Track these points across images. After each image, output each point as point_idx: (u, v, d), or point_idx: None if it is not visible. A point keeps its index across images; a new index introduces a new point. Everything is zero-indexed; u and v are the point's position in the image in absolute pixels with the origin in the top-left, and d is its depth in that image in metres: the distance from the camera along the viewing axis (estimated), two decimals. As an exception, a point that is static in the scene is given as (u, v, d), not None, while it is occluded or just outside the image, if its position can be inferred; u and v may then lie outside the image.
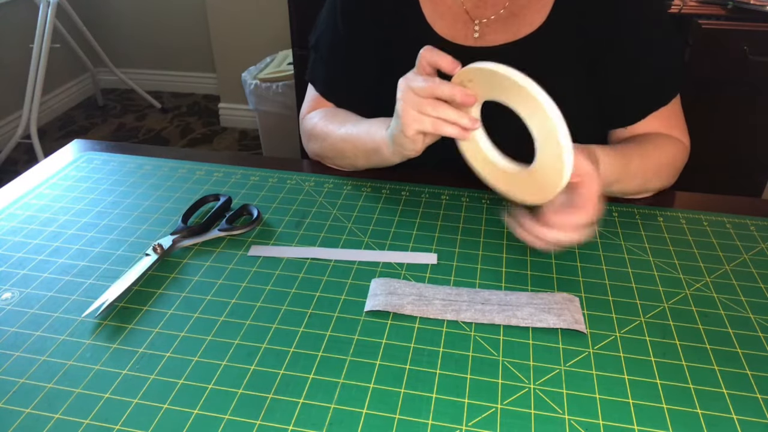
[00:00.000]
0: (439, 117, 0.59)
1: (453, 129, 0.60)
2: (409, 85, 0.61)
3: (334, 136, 0.79)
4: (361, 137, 0.74)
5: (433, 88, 0.59)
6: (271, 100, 2.08)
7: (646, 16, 0.74)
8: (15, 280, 0.61)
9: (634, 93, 0.76)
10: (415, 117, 0.60)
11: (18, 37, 2.54)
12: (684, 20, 1.44)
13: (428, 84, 0.59)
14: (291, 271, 0.62)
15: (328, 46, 0.84)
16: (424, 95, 0.60)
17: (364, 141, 0.74)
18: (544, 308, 0.56)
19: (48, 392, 0.49)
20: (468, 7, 0.77)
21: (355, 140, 0.75)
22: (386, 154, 0.71)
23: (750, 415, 0.47)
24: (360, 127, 0.76)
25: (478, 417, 0.47)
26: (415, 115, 0.60)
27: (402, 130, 0.62)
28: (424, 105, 0.60)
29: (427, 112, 0.60)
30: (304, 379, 0.50)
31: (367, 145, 0.74)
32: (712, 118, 1.50)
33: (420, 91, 0.60)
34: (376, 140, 0.72)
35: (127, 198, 0.75)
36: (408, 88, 0.61)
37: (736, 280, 0.62)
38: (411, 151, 0.66)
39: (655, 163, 0.73)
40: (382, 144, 0.71)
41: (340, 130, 0.78)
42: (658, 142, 0.75)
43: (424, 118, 0.60)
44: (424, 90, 0.59)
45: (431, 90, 0.59)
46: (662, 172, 0.74)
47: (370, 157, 0.75)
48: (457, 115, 0.59)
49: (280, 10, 2.32)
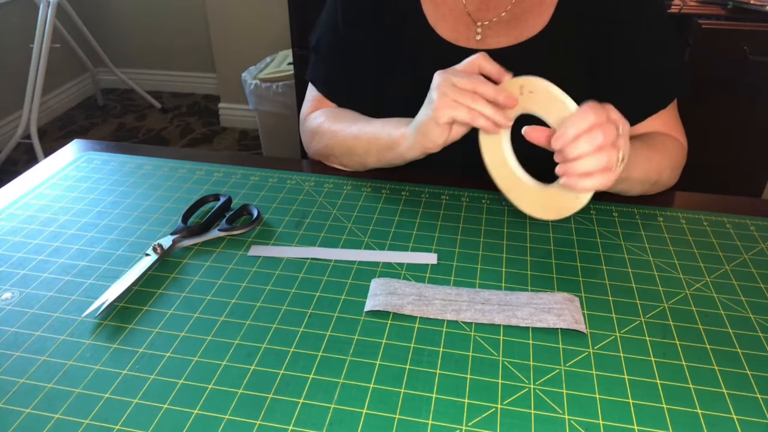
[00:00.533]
0: (475, 109, 0.61)
1: (486, 122, 0.61)
2: (449, 77, 0.62)
3: (343, 134, 0.78)
4: (376, 134, 0.74)
5: (476, 84, 0.60)
6: (271, 100, 2.08)
7: (648, 20, 0.74)
8: (15, 280, 0.61)
9: (634, 95, 0.76)
10: (449, 104, 0.62)
11: (18, 37, 2.54)
12: (684, 20, 1.44)
13: (472, 80, 0.61)
14: (291, 271, 0.62)
15: (329, 46, 0.83)
16: (464, 87, 0.61)
17: (379, 137, 0.74)
18: (544, 308, 0.56)
19: (48, 392, 0.49)
20: (470, 9, 0.77)
21: (369, 137, 0.75)
22: (402, 149, 0.71)
23: (750, 415, 0.47)
24: (374, 125, 0.76)
25: (478, 417, 0.47)
26: (450, 102, 0.62)
27: (434, 117, 0.63)
28: (462, 95, 0.61)
29: (465, 103, 0.61)
30: (304, 379, 0.50)
31: (381, 142, 0.74)
32: (712, 118, 1.50)
33: (460, 84, 0.61)
34: (392, 136, 0.72)
35: (127, 198, 0.75)
36: (447, 80, 0.62)
37: (736, 280, 0.62)
38: (434, 143, 0.66)
39: (665, 157, 0.74)
40: (400, 138, 0.71)
41: (351, 128, 0.78)
42: (663, 140, 0.75)
43: (460, 107, 0.61)
44: (465, 83, 0.61)
45: (473, 85, 0.61)
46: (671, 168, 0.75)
47: (383, 154, 0.75)
48: (493, 110, 0.60)
49: (280, 10, 2.32)
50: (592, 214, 0.72)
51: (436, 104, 0.62)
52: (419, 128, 0.67)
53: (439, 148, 0.67)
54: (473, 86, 0.61)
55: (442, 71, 0.64)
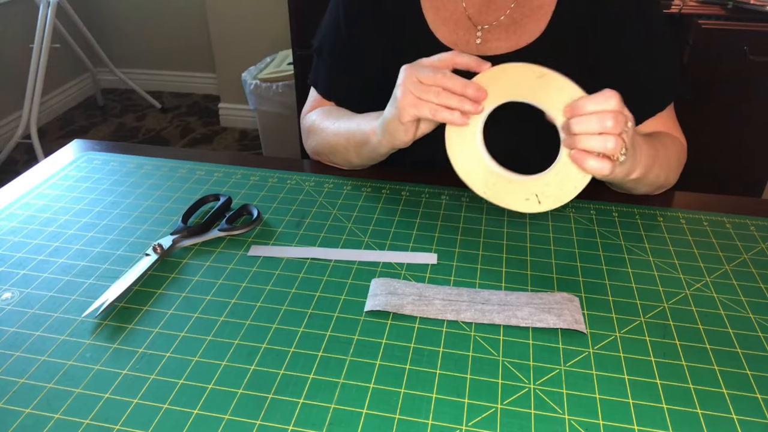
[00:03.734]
0: (440, 103, 0.58)
1: (452, 115, 0.58)
2: (414, 72, 0.60)
3: (327, 132, 0.79)
4: (351, 130, 0.74)
5: (442, 79, 0.58)
6: (271, 100, 2.08)
7: (644, 23, 0.74)
8: (15, 280, 0.61)
9: (633, 98, 0.76)
10: (413, 102, 0.60)
11: (18, 37, 2.53)
12: (684, 20, 1.44)
13: (437, 75, 0.58)
14: (291, 271, 0.62)
15: (331, 50, 0.84)
16: (429, 83, 0.58)
17: (353, 133, 0.74)
18: (544, 308, 0.56)
19: (48, 392, 0.49)
20: (471, 13, 0.77)
21: (346, 134, 0.75)
22: (373, 145, 0.70)
23: (750, 415, 0.47)
24: (352, 121, 0.76)
25: (478, 417, 0.47)
26: (413, 100, 0.59)
27: (398, 115, 0.61)
28: (426, 91, 0.59)
29: (428, 99, 0.59)
30: (304, 379, 0.50)
31: (356, 138, 0.74)
32: (711, 118, 1.50)
33: (425, 80, 0.59)
34: (365, 131, 0.71)
35: (127, 198, 0.75)
36: (412, 75, 0.60)
37: (736, 280, 0.62)
38: (401, 140, 0.65)
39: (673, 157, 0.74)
40: (371, 134, 0.70)
41: (333, 125, 0.78)
42: (664, 138, 0.75)
43: (423, 104, 0.59)
44: (430, 79, 0.58)
45: (439, 80, 0.58)
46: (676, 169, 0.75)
47: (360, 151, 0.75)
48: (459, 101, 0.58)
49: (280, 10, 2.32)
50: (592, 214, 0.72)
51: (399, 102, 0.61)
52: (385, 126, 0.66)
53: (407, 144, 0.66)
54: (438, 81, 0.58)
55: (408, 66, 0.61)
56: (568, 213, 0.72)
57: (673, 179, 0.76)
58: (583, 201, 0.74)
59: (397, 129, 0.64)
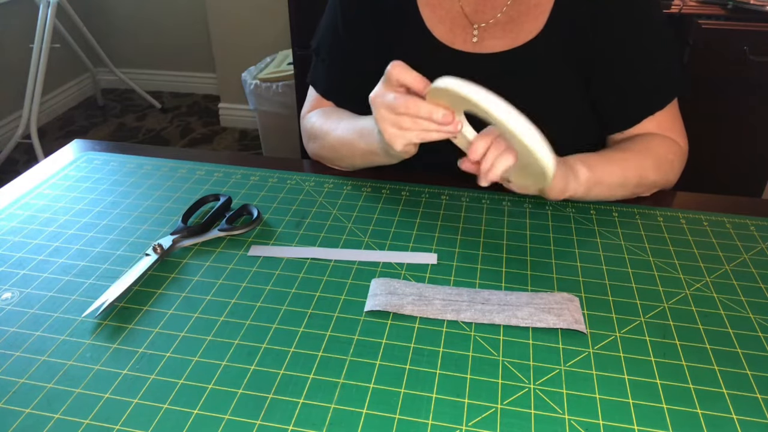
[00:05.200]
0: (422, 129, 0.59)
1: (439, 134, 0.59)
2: (383, 102, 0.60)
3: (330, 137, 0.79)
4: (355, 140, 0.75)
5: (409, 107, 0.58)
6: (271, 100, 2.08)
7: (641, 23, 0.74)
8: (15, 280, 0.61)
9: (629, 97, 0.76)
10: (397, 134, 0.60)
11: (18, 37, 2.54)
12: (684, 20, 1.44)
13: (402, 101, 0.58)
14: (291, 271, 0.62)
15: (329, 49, 0.84)
16: (401, 111, 0.59)
17: (358, 143, 0.74)
18: (544, 308, 0.56)
19: (48, 392, 0.49)
20: (467, 11, 0.77)
21: (350, 142, 0.76)
22: (382, 159, 0.73)
23: (750, 415, 0.47)
24: (355, 128, 0.75)
25: (478, 417, 0.47)
26: (396, 133, 0.60)
27: (391, 146, 0.62)
28: (402, 121, 0.59)
29: (408, 127, 0.59)
30: (304, 379, 0.50)
31: (362, 148, 0.74)
32: (712, 118, 1.50)
33: (396, 108, 0.59)
34: (370, 144, 0.72)
35: (127, 198, 0.75)
36: (382, 106, 0.60)
37: (736, 280, 0.62)
38: (403, 158, 0.68)
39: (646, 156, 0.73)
40: (377, 149, 0.71)
41: (336, 131, 0.78)
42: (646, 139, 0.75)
43: (407, 132, 0.60)
44: (400, 107, 0.58)
45: (408, 108, 0.58)
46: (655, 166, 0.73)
47: (366, 158, 0.76)
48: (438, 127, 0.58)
49: (280, 10, 2.32)
50: (592, 214, 0.72)
51: (385, 137, 0.61)
52: (385, 150, 0.68)
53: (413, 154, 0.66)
54: (409, 110, 0.58)
55: (374, 94, 0.62)
56: (568, 213, 0.72)
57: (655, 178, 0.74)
58: (583, 201, 0.74)
59: (396, 155, 0.67)
